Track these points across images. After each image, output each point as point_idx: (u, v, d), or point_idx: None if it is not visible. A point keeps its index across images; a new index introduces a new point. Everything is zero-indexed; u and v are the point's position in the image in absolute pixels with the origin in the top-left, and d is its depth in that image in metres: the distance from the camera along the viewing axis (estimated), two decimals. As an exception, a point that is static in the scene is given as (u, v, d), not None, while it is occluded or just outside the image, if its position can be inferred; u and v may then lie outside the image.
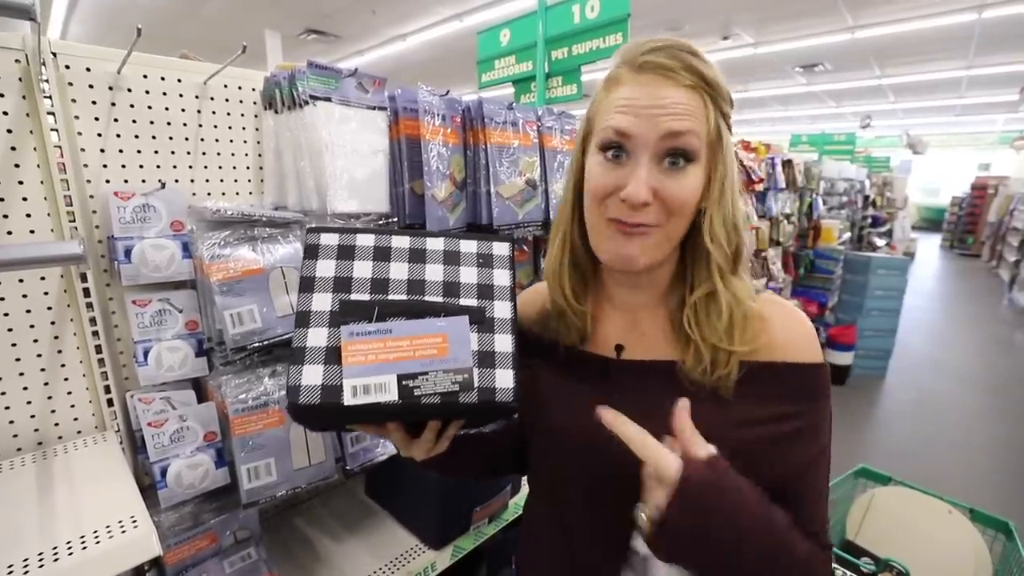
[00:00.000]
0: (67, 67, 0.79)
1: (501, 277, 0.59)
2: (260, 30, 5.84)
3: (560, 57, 2.08)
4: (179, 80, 0.89)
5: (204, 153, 0.94)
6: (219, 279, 0.81)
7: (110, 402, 0.85)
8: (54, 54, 0.77)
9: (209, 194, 0.96)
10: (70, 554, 0.56)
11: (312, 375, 0.51)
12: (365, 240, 0.58)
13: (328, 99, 0.92)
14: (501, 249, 0.60)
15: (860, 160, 8.06)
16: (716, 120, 0.53)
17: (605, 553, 0.61)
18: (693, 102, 0.52)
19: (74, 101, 0.80)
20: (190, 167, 0.93)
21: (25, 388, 0.80)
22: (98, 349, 0.84)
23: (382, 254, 0.58)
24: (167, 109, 0.89)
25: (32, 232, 0.78)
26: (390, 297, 0.56)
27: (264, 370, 0.88)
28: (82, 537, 0.59)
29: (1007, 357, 4.99)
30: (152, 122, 0.87)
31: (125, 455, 0.82)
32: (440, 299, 0.56)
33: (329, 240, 0.58)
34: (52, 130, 0.78)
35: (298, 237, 0.92)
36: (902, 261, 4.58)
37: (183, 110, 0.91)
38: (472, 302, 0.57)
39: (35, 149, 0.77)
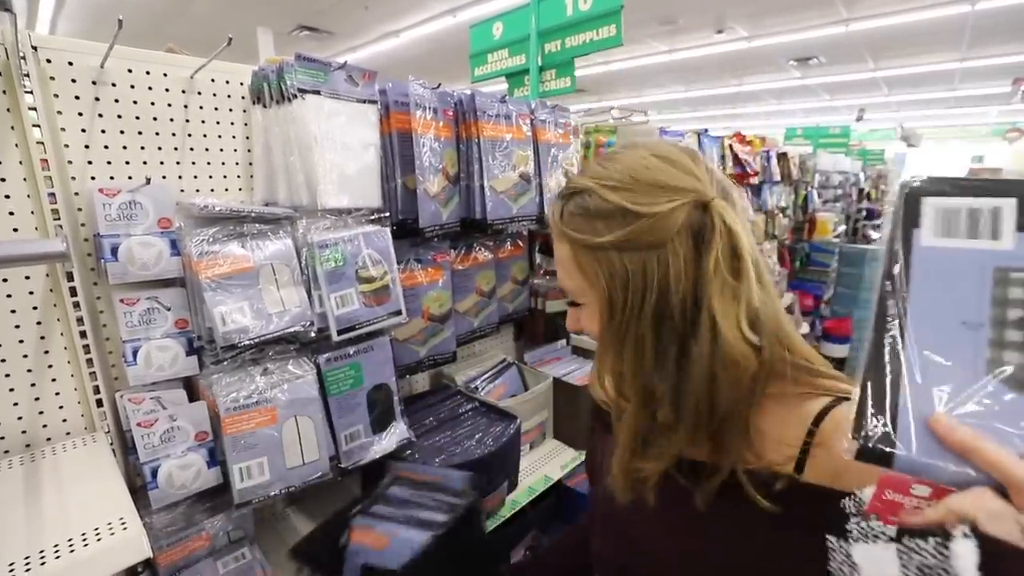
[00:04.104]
0: (48, 61, 0.77)
1: None
2: (252, 27, 5.79)
3: (553, 50, 2.06)
4: (165, 74, 0.88)
5: (192, 149, 0.92)
6: (208, 276, 0.80)
7: (99, 402, 0.84)
8: (35, 48, 0.75)
9: (197, 190, 0.94)
10: (57, 558, 0.55)
11: None
12: None
13: (317, 92, 0.91)
14: None
15: (855, 153, 8.06)
16: (585, 259, 0.53)
17: None
18: (563, 252, 0.56)
19: (57, 96, 0.78)
20: (177, 163, 0.91)
21: (11, 389, 0.79)
22: (86, 349, 0.82)
23: None
24: (153, 104, 0.87)
25: (15, 231, 0.76)
26: None
27: (255, 368, 0.87)
28: (70, 540, 0.58)
29: (1001, 348, 5.01)
30: (138, 117, 0.86)
31: (115, 456, 0.80)
32: None
33: None
34: (34, 126, 0.76)
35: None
36: (897, 253, 4.59)
37: (169, 105, 0.89)
38: None
39: (17, 145, 0.76)
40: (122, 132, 0.85)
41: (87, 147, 0.82)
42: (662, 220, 0.49)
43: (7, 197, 0.75)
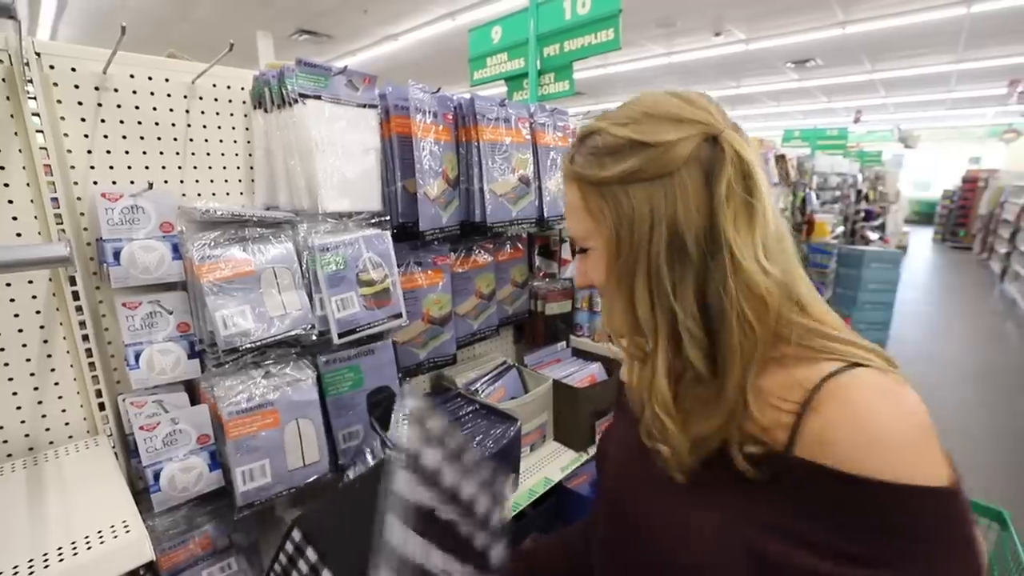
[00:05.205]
0: (52, 67, 0.78)
1: None
2: (252, 31, 5.81)
3: (552, 54, 2.07)
4: (167, 80, 0.88)
5: (193, 153, 0.93)
6: (210, 280, 0.81)
7: (102, 406, 0.85)
8: (38, 54, 0.76)
9: (199, 195, 0.95)
10: (60, 560, 0.55)
11: None
12: None
13: (318, 97, 0.92)
14: None
15: (852, 155, 8.09)
16: (592, 199, 0.52)
17: None
18: (572, 196, 0.55)
19: (60, 102, 0.79)
20: (179, 167, 0.92)
21: (14, 393, 0.79)
22: (88, 353, 0.83)
23: None
24: (155, 109, 0.88)
25: (19, 235, 0.77)
26: None
27: (257, 371, 0.88)
28: (73, 543, 0.58)
29: (999, 348, 5.03)
30: (140, 122, 0.86)
31: (118, 459, 0.81)
32: None
33: None
34: (38, 131, 0.76)
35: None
36: (895, 254, 4.61)
37: (171, 110, 0.90)
38: None
39: (20, 151, 0.76)
40: (124, 137, 0.85)
41: (90, 152, 0.82)
42: (669, 149, 0.47)
43: (10, 202, 0.76)
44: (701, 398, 0.48)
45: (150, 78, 0.87)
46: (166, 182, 0.90)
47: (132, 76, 0.85)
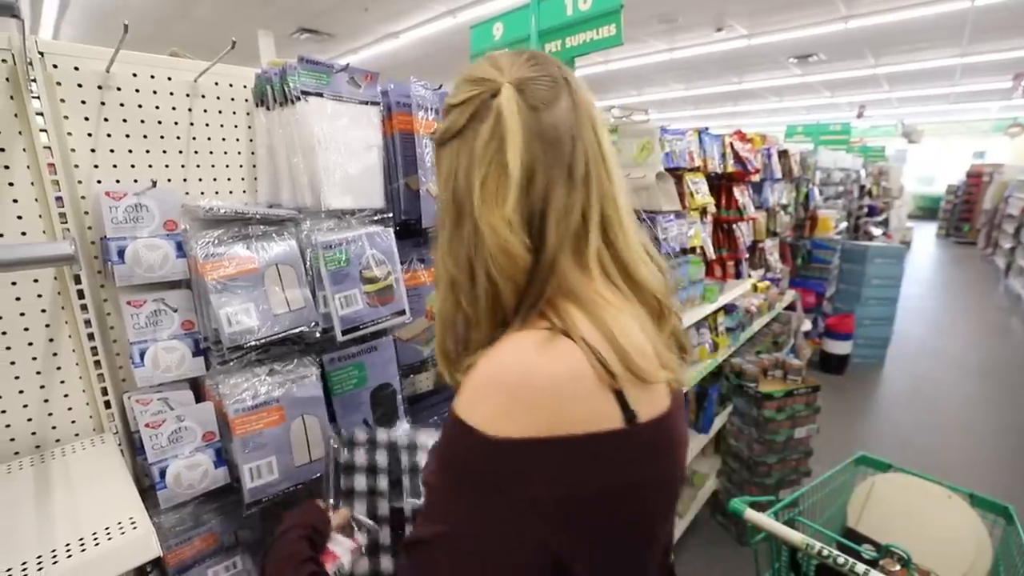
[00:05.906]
0: (55, 66, 0.78)
1: None
2: (253, 30, 5.80)
3: (554, 50, 2.06)
4: (169, 78, 0.88)
5: (196, 151, 0.93)
6: (214, 278, 0.81)
7: (107, 404, 0.85)
8: (41, 53, 0.76)
9: (202, 193, 0.95)
10: (69, 557, 0.56)
11: None
12: None
13: (320, 95, 0.92)
14: None
15: (855, 150, 8.04)
16: (436, 159, 0.56)
17: None
18: None
19: (63, 101, 0.79)
20: (182, 166, 0.92)
21: (21, 391, 0.79)
22: (94, 351, 0.83)
23: None
24: (158, 108, 0.88)
25: (24, 234, 0.77)
26: None
27: (261, 368, 0.88)
28: (81, 539, 0.58)
29: (1003, 343, 5.01)
30: (143, 121, 0.87)
31: (124, 457, 0.81)
32: None
33: None
34: (41, 131, 0.77)
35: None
36: (898, 250, 4.59)
37: (174, 108, 0.90)
38: None
39: (24, 150, 0.76)
40: (127, 136, 0.85)
41: (93, 151, 0.82)
42: (459, 110, 0.51)
43: (15, 201, 0.76)
44: (477, 343, 0.52)
45: (153, 77, 0.87)
46: (169, 180, 0.90)
47: (135, 75, 0.85)
